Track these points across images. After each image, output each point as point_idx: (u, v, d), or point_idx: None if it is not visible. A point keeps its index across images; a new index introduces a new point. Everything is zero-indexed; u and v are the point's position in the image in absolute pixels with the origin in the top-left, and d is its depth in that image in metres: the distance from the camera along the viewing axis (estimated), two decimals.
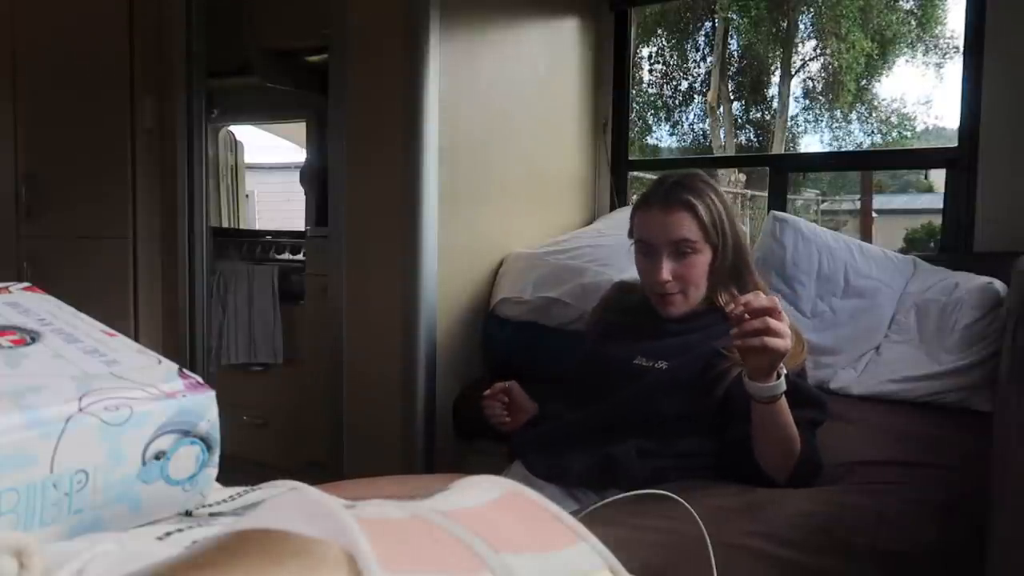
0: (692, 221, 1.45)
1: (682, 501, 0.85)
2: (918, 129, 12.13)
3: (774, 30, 12.19)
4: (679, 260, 1.47)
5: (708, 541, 0.74)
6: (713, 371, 1.37)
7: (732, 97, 12.59)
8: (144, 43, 2.73)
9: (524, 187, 2.53)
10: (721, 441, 1.37)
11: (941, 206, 2.33)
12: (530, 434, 1.51)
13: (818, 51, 12.17)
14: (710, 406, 1.36)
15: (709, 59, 12.57)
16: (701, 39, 12.69)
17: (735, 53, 12.56)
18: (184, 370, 0.48)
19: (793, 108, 12.43)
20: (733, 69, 12.64)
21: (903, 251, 2.18)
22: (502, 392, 1.57)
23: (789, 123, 12.43)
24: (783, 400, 1.22)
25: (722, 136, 12.48)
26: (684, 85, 12.87)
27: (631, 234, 1.57)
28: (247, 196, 4.21)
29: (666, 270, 1.46)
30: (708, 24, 12.48)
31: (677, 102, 12.84)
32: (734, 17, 12.08)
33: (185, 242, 2.76)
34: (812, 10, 12.06)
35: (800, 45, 12.33)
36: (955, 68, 12.04)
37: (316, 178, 3.22)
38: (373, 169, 2.26)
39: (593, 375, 1.54)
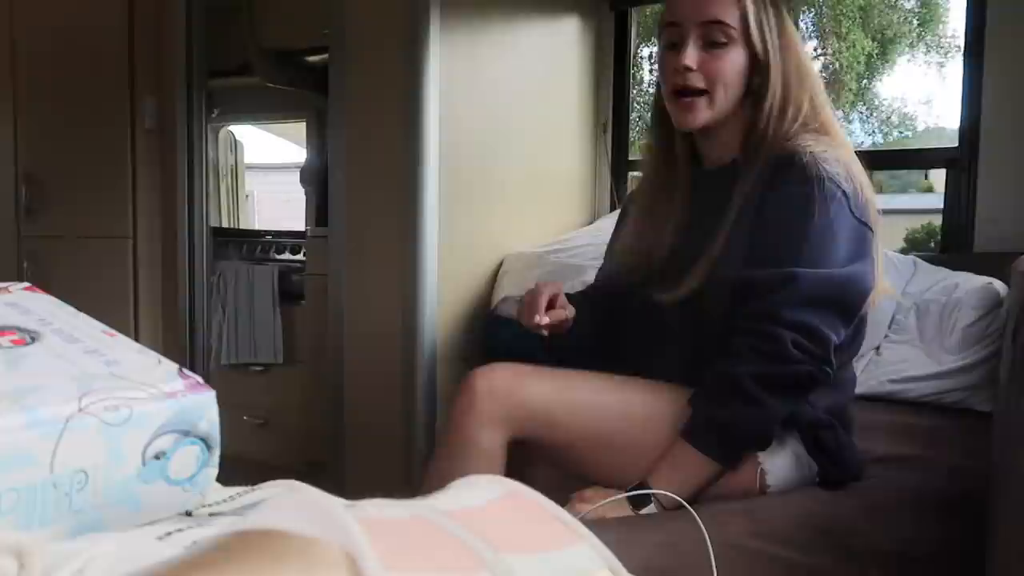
0: (733, 2, 1.24)
1: (682, 501, 0.85)
2: (919, 129, 12.12)
3: None
4: (709, 52, 1.25)
5: (708, 541, 0.74)
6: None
7: None
8: (144, 43, 2.74)
9: (524, 187, 2.53)
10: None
11: (941, 206, 2.32)
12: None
13: (818, 51, 12.17)
14: None
15: None
16: None
17: None
18: (184, 370, 0.48)
19: None
20: None
21: (903, 251, 2.18)
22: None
23: None
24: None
25: None
26: None
27: (660, 31, 1.34)
28: (247, 196, 4.20)
29: (691, 54, 1.24)
30: None
31: None
32: None
33: (185, 242, 2.76)
34: (813, 10, 12.05)
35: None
36: (956, 68, 12.00)
37: (316, 178, 3.22)
38: (373, 169, 2.26)
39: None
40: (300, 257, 3.04)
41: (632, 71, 2.96)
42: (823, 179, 1.14)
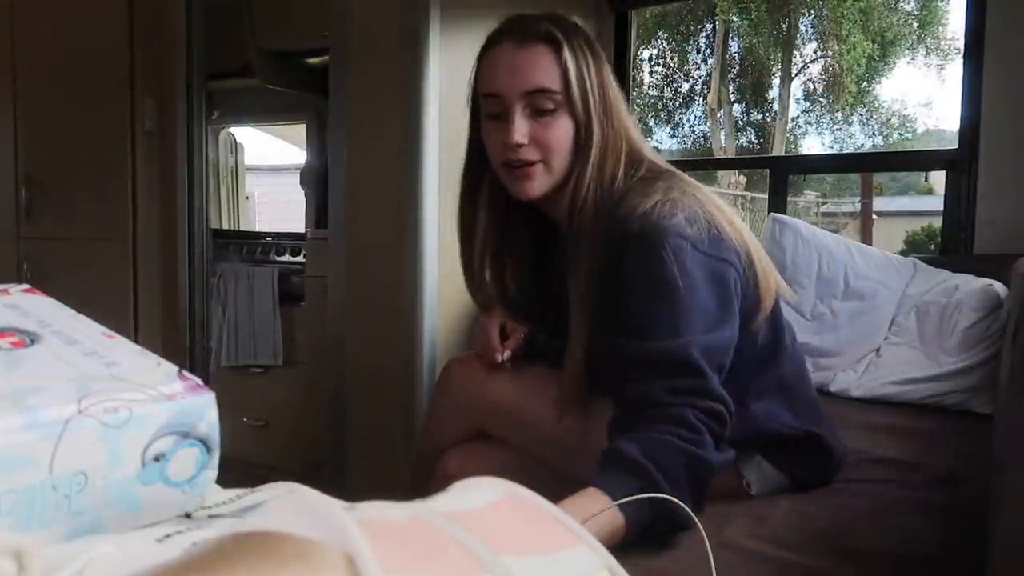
0: (554, 65, 1.12)
1: (681, 503, 0.85)
2: (919, 131, 12.15)
3: (775, 32, 12.20)
4: (537, 120, 1.14)
5: (707, 542, 0.74)
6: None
7: (733, 99, 12.60)
8: (144, 45, 2.74)
9: None
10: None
11: (941, 208, 2.33)
12: None
13: (819, 53, 12.19)
14: None
15: (710, 61, 12.59)
16: (702, 41, 12.71)
17: (736, 55, 12.58)
18: (184, 372, 0.48)
19: (794, 110, 12.45)
20: (734, 71, 12.65)
21: (903, 253, 2.18)
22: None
23: (790, 125, 12.45)
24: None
25: (723, 138, 12.49)
26: (685, 87, 12.88)
27: (473, 98, 1.27)
28: (247, 198, 4.21)
29: (520, 129, 1.13)
30: (709, 26, 12.49)
31: (678, 104, 12.85)
32: (735, 19, 12.09)
33: (185, 244, 2.76)
34: (813, 12, 12.07)
35: (801, 47, 12.34)
36: (956, 70, 12.04)
37: (316, 180, 3.23)
38: (373, 170, 2.27)
39: None
40: (300, 259, 3.04)
41: (632, 72, 2.96)
42: (665, 237, 1.04)
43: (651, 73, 12.66)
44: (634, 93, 2.98)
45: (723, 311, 1.08)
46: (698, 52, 12.84)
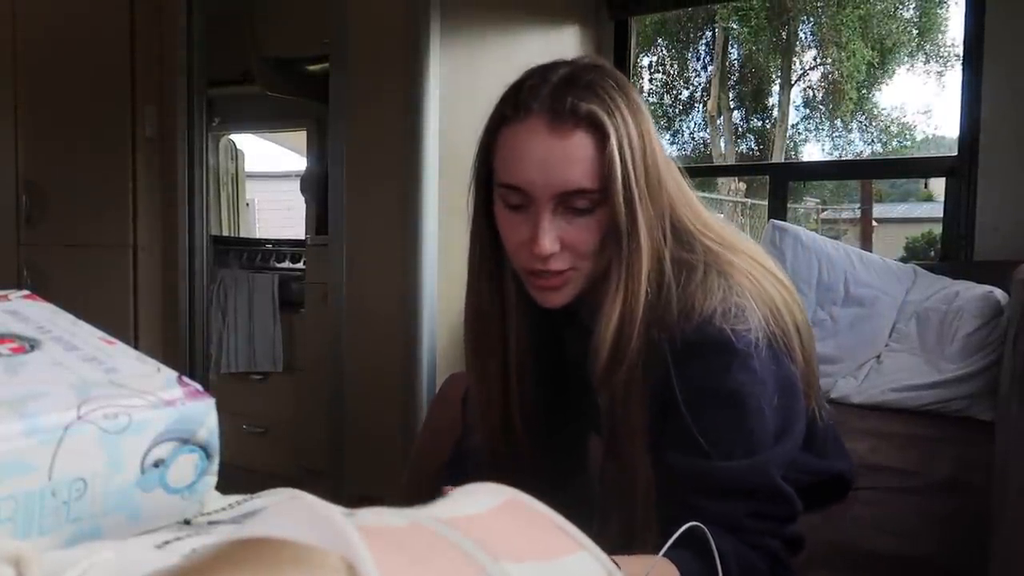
0: (596, 157, 0.88)
1: None
2: (918, 139, 12.17)
3: (774, 39, 12.24)
4: (570, 220, 0.90)
5: (714, 548, 0.74)
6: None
7: (732, 106, 12.63)
8: (145, 52, 2.75)
9: None
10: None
11: (941, 215, 2.33)
12: None
13: (818, 60, 12.22)
14: None
15: (710, 68, 12.62)
16: (702, 48, 12.75)
17: (735, 62, 12.61)
18: (183, 377, 0.48)
19: (793, 117, 12.48)
20: (734, 78, 12.69)
21: (903, 260, 2.18)
22: None
23: (789, 132, 12.47)
24: None
25: (722, 145, 12.51)
26: (685, 94, 12.92)
27: (480, 173, 1.04)
28: (247, 204, 4.22)
29: (550, 235, 0.90)
30: (708, 33, 12.53)
31: (678, 111, 12.88)
32: (734, 26, 12.13)
33: (185, 250, 2.76)
34: (812, 19, 12.11)
35: (800, 54, 12.38)
36: (955, 77, 12.06)
37: (316, 186, 3.23)
38: (373, 177, 2.27)
39: None
40: (300, 265, 3.04)
41: (632, 80, 2.97)
42: (735, 347, 0.88)
43: (651, 80, 12.70)
44: None
45: (793, 418, 0.94)
46: (698, 59, 12.88)
